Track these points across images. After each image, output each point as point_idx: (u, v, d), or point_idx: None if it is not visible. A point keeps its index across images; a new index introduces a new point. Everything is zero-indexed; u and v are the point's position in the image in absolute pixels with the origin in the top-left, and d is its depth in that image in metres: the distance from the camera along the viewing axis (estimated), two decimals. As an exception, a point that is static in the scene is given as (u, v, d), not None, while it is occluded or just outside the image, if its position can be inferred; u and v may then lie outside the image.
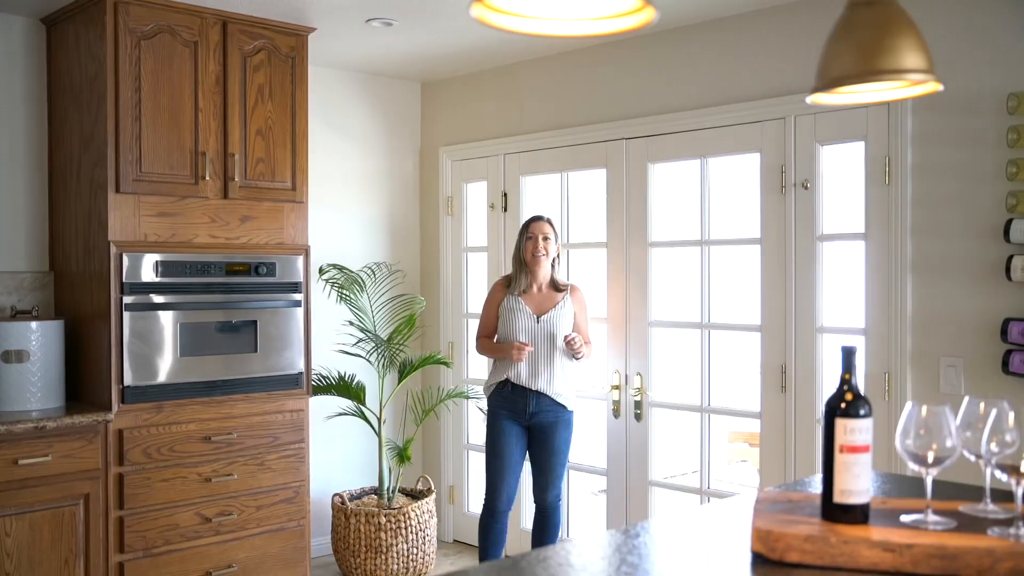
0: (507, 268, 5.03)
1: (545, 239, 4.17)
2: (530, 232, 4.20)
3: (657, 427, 4.46)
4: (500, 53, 4.81)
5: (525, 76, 4.97)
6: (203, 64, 3.93)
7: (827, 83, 1.70)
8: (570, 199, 4.83)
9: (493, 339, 4.30)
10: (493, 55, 4.85)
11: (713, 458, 4.34)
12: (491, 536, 4.19)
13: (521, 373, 4.13)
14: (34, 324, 3.72)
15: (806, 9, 3.79)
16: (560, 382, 4.14)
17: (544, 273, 4.22)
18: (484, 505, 4.22)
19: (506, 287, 4.28)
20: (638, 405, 4.45)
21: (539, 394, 4.12)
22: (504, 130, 5.08)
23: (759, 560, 1.71)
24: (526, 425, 4.17)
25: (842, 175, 3.85)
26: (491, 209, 5.14)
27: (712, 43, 4.15)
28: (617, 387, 4.52)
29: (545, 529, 4.21)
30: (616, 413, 4.54)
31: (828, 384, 3.81)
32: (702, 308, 4.22)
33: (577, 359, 4.16)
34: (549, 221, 4.22)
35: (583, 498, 5.49)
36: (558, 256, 4.26)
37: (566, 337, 4.11)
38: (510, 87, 5.05)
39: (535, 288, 4.22)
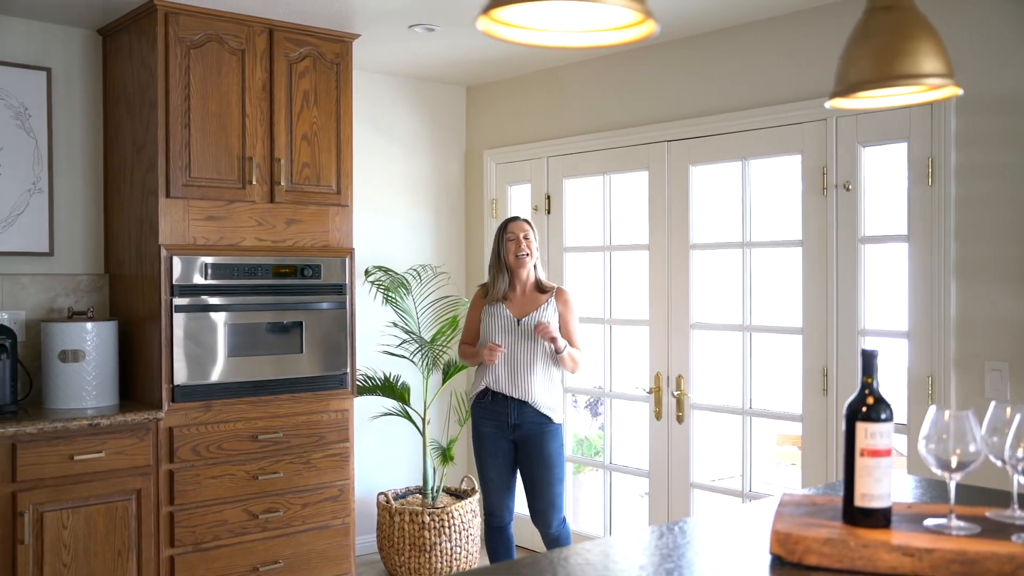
0: (550, 271, 5.06)
1: (526, 238, 3.99)
2: (509, 233, 4.01)
3: (699, 429, 4.45)
4: (543, 57, 4.84)
5: (568, 79, 5.00)
6: (250, 71, 4.03)
7: (845, 88, 1.70)
8: (612, 201, 4.85)
9: (474, 346, 4.11)
10: (536, 59, 4.89)
11: (761, 461, 4.32)
12: (499, 549, 4.09)
13: (500, 379, 3.93)
14: (89, 325, 3.85)
15: (847, 10, 3.76)
16: (543, 391, 3.93)
17: (527, 274, 4.02)
18: (485, 521, 4.12)
19: (485, 295, 4.09)
20: (680, 407, 4.44)
21: (521, 403, 3.91)
22: (547, 133, 5.11)
23: (778, 562, 1.72)
24: (511, 438, 3.98)
25: (884, 176, 3.81)
26: (534, 211, 5.18)
27: (753, 45, 4.14)
28: (659, 389, 4.52)
29: None
30: (658, 415, 4.54)
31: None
32: (743, 310, 4.21)
33: (558, 352, 3.89)
34: (527, 221, 4.06)
35: (629, 500, 5.49)
36: (539, 256, 4.08)
37: (538, 324, 3.86)
38: (553, 90, 5.08)
39: (518, 290, 4.02)
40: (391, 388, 4.85)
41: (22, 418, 3.57)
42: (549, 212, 5.09)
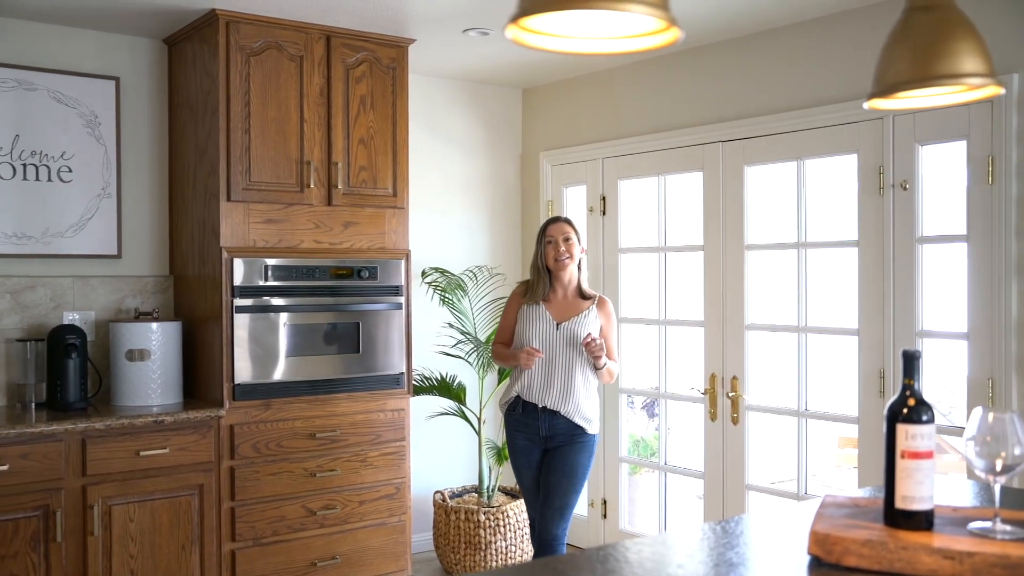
0: (605, 272, 5.08)
1: (566, 240, 3.83)
2: (548, 236, 3.87)
3: (754, 431, 4.42)
4: (597, 58, 4.86)
5: (622, 81, 5.00)
6: (308, 77, 4.12)
7: (884, 88, 1.69)
8: (667, 202, 4.84)
9: (509, 347, 3.97)
10: (590, 61, 4.90)
11: (820, 463, 4.26)
12: (546, 554, 3.97)
13: (532, 387, 3.78)
14: (154, 325, 3.99)
15: (902, 7, 3.70)
16: (579, 400, 3.77)
17: (570, 278, 3.87)
18: (530, 527, 3.94)
19: (524, 295, 3.94)
20: (734, 408, 4.42)
21: (552, 413, 3.76)
22: (602, 134, 5.12)
23: (816, 563, 1.72)
24: (544, 448, 3.83)
25: (943, 175, 3.74)
26: (590, 212, 5.19)
27: (807, 44, 4.10)
28: (713, 390, 4.50)
29: None
30: (712, 416, 4.52)
31: (927, 389, 3.70)
32: (799, 311, 4.17)
33: (598, 368, 3.78)
34: (568, 221, 3.91)
35: (686, 501, 5.47)
36: (583, 258, 3.93)
37: (586, 337, 3.70)
38: (608, 92, 5.09)
39: (560, 293, 3.88)
40: (447, 388, 4.91)
41: (92, 415, 3.71)
42: (604, 213, 5.11)
